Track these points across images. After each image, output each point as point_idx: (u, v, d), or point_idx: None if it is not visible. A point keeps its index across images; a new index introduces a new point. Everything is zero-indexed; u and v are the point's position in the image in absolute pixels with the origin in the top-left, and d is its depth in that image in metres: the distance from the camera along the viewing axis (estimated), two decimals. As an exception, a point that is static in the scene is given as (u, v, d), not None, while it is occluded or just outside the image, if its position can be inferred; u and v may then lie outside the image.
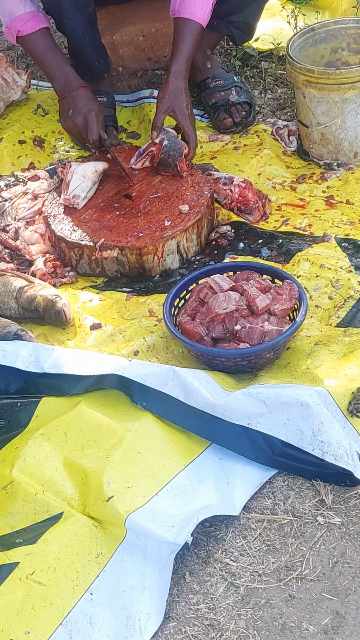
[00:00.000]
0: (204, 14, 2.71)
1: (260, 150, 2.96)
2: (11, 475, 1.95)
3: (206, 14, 2.71)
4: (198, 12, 2.69)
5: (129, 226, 2.55)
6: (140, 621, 1.73)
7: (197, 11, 2.69)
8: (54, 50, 2.83)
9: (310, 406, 1.96)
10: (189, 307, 2.25)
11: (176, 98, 2.69)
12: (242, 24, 3.04)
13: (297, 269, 2.47)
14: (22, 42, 2.83)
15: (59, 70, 2.81)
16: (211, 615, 1.75)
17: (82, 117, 2.74)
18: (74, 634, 1.71)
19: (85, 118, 2.74)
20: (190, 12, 2.69)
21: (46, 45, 2.81)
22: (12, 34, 2.81)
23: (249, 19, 3.05)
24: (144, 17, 3.31)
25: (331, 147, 2.85)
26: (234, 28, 3.04)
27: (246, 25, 3.07)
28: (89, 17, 2.92)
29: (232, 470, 1.97)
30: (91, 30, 2.97)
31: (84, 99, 2.77)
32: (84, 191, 2.65)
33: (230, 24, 3.01)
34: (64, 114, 2.79)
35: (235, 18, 2.99)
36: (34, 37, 2.79)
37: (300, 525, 1.89)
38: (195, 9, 2.69)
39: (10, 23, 2.78)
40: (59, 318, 2.35)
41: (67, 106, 2.77)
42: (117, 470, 1.90)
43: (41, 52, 2.82)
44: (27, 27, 2.78)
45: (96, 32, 3.01)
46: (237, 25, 3.03)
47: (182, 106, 2.70)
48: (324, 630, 1.71)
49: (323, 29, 2.95)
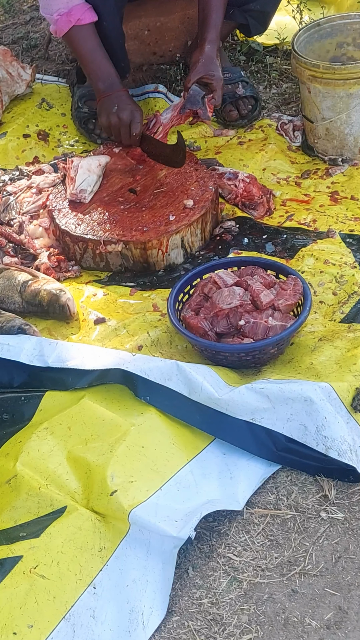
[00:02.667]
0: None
1: (265, 145, 2.95)
2: (15, 469, 1.95)
3: None
4: None
5: (134, 220, 2.55)
6: (143, 615, 1.74)
7: None
8: (102, 49, 2.82)
9: (314, 402, 1.96)
10: (193, 302, 2.25)
11: (211, 63, 2.70)
12: (259, 13, 3.03)
13: (302, 264, 2.47)
14: (75, 32, 2.78)
15: (106, 72, 2.81)
16: (214, 610, 1.75)
17: (128, 113, 2.73)
18: (77, 627, 1.71)
19: (132, 114, 2.73)
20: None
21: (97, 41, 2.80)
22: (69, 22, 2.76)
23: (267, 7, 3.04)
24: (150, 11, 3.30)
25: (336, 142, 2.84)
26: (250, 17, 3.03)
27: (262, 15, 3.06)
28: (121, 18, 2.93)
29: (235, 465, 1.97)
30: (122, 33, 2.98)
31: (129, 99, 2.78)
32: (90, 185, 2.65)
33: (247, 12, 2.99)
34: (107, 110, 2.76)
35: (253, 6, 2.98)
36: (89, 28, 2.78)
37: (303, 520, 1.89)
38: None
39: (69, 10, 2.74)
40: (63, 312, 2.35)
41: (112, 103, 2.76)
42: (120, 464, 1.91)
43: (92, 47, 2.80)
44: (87, 15, 2.76)
45: (124, 35, 3.01)
46: (254, 14, 3.02)
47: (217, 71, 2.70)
48: (326, 625, 1.71)
49: (328, 23, 2.95)
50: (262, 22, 3.09)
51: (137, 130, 2.71)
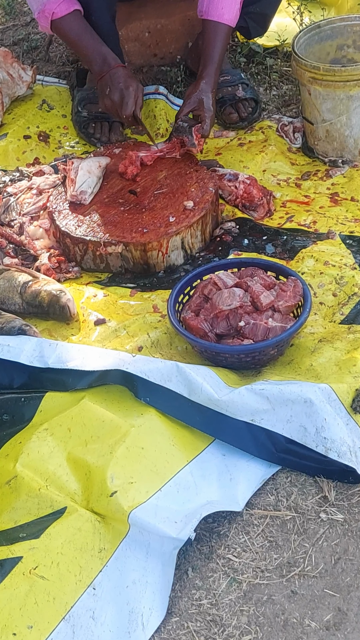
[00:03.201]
0: (231, 15, 2.70)
1: (265, 146, 2.96)
2: (15, 470, 1.95)
3: (234, 14, 2.71)
4: (226, 14, 2.68)
5: (134, 222, 2.55)
6: (143, 616, 1.74)
7: (225, 13, 2.68)
8: (89, 32, 2.80)
9: (314, 403, 1.96)
10: (193, 303, 2.26)
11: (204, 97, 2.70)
12: (259, 15, 3.04)
13: (302, 265, 2.47)
14: (57, 25, 2.79)
15: (96, 52, 2.78)
16: (213, 611, 1.75)
17: (118, 93, 2.70)
18: (76, 628, 1.71)
19: (122, 94, 2.70)
20: (218, 14, 2.68)
21: (81, 27, 2.79)
22: (46, 18, 2.78)
23: (266, 9, 3.04)
24: (150, 13, 3.31)
25: (336, 144, 2.85)
26: (250, 20, 3.03)
27: (262, 17, 3.06)
28: (113, 15, 2.92)
29: (235, 467, 1.97)
30: (114, 28, 2.97)
31: (122, 76, 2.73)
32: (91, 187, 2.65)
33: (247, 15, 2.99)
34: (102, 93, 2.74)
35: (253, 9, 2.98)
36: (69, 19, 2.77)
37: (303, 521, 1.89)
38: (223, 11, 2.68)
39: (44, 7, 2.76)
40: (63, 313, 2.35)
41: (105, 86, 2.73)
42: (120, 465, 1.91)
43: (77, 35, 2.79)
44: (61, 8, 2.75)
45: (117, 32, 3.01)
46: (253, 17, 3.02)
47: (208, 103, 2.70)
48: (326, 626, 1.71)
49: (329, 25, 2.95)
50: (261, 25, 3.09)
51: (128, 112, 2.71)
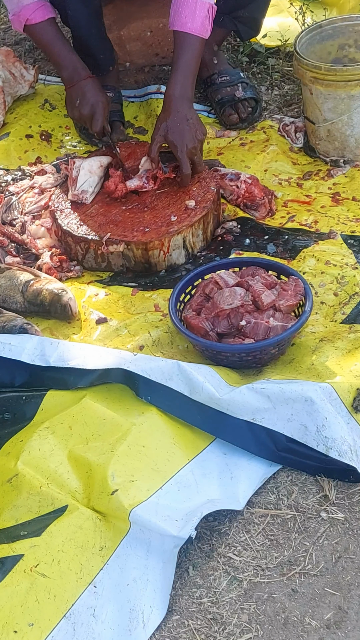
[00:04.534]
0: (195, 24, 2.57)
1: (267, 146, 2.96)
2: (16, 468, 1.96)
3: (198, 23, 2.57)
4: (189, 23, 2.57)
5: (135, 221, 2.55)
6: (144, 614, 1.74)
7: (188, 22, 2.57)
8: (62, 40, 2.82)
9: (315, 402, 1.96)
10: (195, 302, 2.26)
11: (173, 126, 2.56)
12: (248, 19, 3.04)
13: (303, 265, 2.47)
14: (29, 30, 2.82)
15: (67, 59, 2.80)
16: (214, 609, 1.76)
17: (89, 108, 2.73)
18: (77, 626, 1.71)
19: (92, 109, 2.73)
20: (181, 23, 2.59)
21: (54, 34, 2.80)
22: (20, 22, 2.80)
23: (255, 13, 3.04)
24: (152, 12, 3.31)
25: (337, 143, 2.85)
26: (240, 23, 3.03)
27: (252, 20, 3.06)
28: (94, 10, 2.92)
29: (236, 465, 1.97)
30: (96, 23, 2.97)
31: (92, 90, 2.75)
32: (92, 186, 2.65)
33: (236, 19, 3.00)
34: (71, 103, 2.78)
35: (242, 13, 2.98)
36: (42, 26, 2.78)
37: (303, 520, 1.89)
38: (186, 20, 2.57)
39: (19, 11, 2.78)
40: (65, 312, 2.35)
41: (75, 95, 2.76)
42: (121, 464, 1.91)
43: (49, 41, 2.81)
44: (35, 15, 2.77)
45: (102, 25, 3.01)
46: (243, 20, 3.02)
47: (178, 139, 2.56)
48: (326, 625, 1.71)
49: (330, 25, 2.95)
50: (253, 27, 3.09)
51: (97, 128, 2.74)
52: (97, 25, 2.97)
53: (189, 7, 2.57)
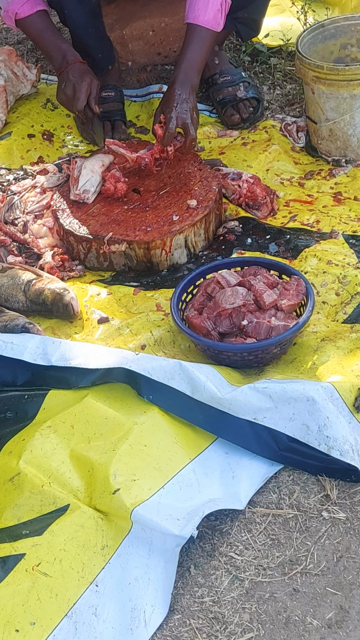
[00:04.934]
0: (207, 17, 2.65)
1: (269, 146, 2.96)
2: (18, 467, 1.96)
3: (211, 16, 2.65)
4: (201, 16, 2.65)
5: (137, 220, 2.55)
6: (145, 613, 1.74)
7: (200, 14, 2.65)
8: (52, 30, 2.83)
9: (317, 401, 1.96)
10: (197, 302, 2.26)
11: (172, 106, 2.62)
12: (248, 19, 3.04)
13: (305, 264, 2.47)
14: (20, 25, 2.83)
15: (56, 48, 2.81)
16: (216, 609, 1.76)
17: (71, 87, 2.73)
18: (79, 625, 1.72)
19: (74, 88, 2.73)
20: (194, 16, 2.66)
21: (44, 26, 2.81)
22: (10, 17, 2.81)
23: (255, 14, 3.04)
24: (154, 11, 3.31)
25: (339, 143, 2.85)
26: (240, 24, 3.03)
27: (252, 21, 3.06)
28: (92, 9, 2.92)
29: (237, 465, 1.97)
30: (95, 22, 2.97)
31: (77, 71, 2.76)
32: (94, 186, 2.66)
33: (236, 20, 3.00)
34: (59, 88, 2.79)
35: (241, 14, 2.98)
36: (32, 18, 2.80)
37: (305, 520, 1.89)
38: (199, 12, 2.65)
39: (8, 6, 2.79)
40: (67, 311, 2.35)
41: (62, 80, 2.77)
42: (123, 463, 1.91)
43: (39, 33, 2.82)
44: (24, 9, 2.78)
45: (100, 24, 3.01)
46: (243, 21, 3.03)
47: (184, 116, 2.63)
48: (327, 624, 1.71)
49: (333, 25, 2.95)
50: (252, 28, 3.10)
51: (79, 107, 2.74)
52: (95, 25, 2.97)
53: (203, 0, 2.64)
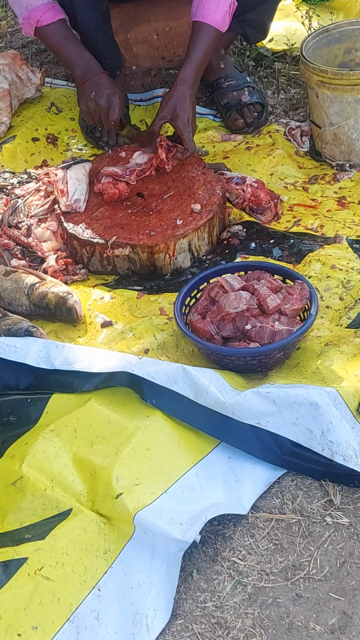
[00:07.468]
0: (216, 17, 2.66)
1: (273, 150, 2.96)
2: (21, 471, 1.96)
3: (220, 16, 2.67)
4: (211, 15, 2.66)
5: (141, 224, 2.55)
6: (148, 618, 1.74)
7: (210, 14, 2.65)
8: (73, 39, 2.84)
9: (320, 406, 1.96)
10: (200, 306, 2.26)
11: (179, 106, 2.65)
12: (256, 22, 3.04)
13: (308, 269, 2.47)
14: (40, 32, 2.83)
15: (80, 57, 2.81)
16: (218, 614, 1.75)
17: (105, 99, 2.73)
18: (81, 629, 1.71)
19: (109, 99, 2.74)
20: (203, 14, 2.66)
21: (65, 35, 2.82)
22: (30, 25, 2.81)
23: (263, 17, 3.04)
24: (159, 15, 3.31)
25: (344, 147, 2.85)
26: (248, 27, 3.04)
27: (260, 24, 3.07)
28: (102, 14, 2.93)
29: (240, 469, 1.97)
30: (104, 27, 2.98)
31: (108, 83, 2.77)
32: (82, 194, 2.67)
33: (244, 22, 3.00)
34: (86, 97, 2.78)
35: (249, 17, 2.98)
36: (53, 27, 2.80)
37: (308, 525, 1.89)
38: (208, 12, 2.65)
39: (29, 14, 2.79)
40: (70, 315, 2.35)
41: (90, 89, 2.76)
42: (126, 467, 1.91)
43: (60, 41, 2.82)
44: (46, 17, 2.78)
45: (109, 29, 3.01)
46: (251, 24, 3.03)
47: (183, 116, 2.65)
48: (330, 630, 1.71)
49: (337, 29, 2.95)
50: (260, 31, 3.10)
51: (115, 117, 2.74)
52: (105, 29, 2.98)
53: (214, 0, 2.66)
